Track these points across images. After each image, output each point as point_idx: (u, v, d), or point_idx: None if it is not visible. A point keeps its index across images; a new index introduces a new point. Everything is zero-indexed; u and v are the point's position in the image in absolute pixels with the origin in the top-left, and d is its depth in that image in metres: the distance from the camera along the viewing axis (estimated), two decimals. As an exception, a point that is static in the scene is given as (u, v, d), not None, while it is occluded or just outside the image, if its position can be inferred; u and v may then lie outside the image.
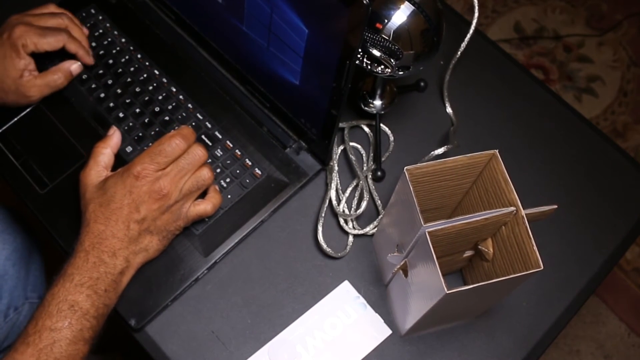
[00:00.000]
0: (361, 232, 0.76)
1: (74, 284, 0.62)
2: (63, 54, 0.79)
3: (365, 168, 0.81)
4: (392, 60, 0.68)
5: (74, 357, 0.61)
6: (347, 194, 0.78)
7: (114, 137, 0.71)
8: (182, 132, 0.68)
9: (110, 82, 0.82)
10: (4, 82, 0.74)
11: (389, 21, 0.67)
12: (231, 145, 0.79)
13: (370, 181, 0.79)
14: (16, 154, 0.78)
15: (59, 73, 0.77)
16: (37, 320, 0.61)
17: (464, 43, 0.79)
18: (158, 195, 0.66)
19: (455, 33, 0.82)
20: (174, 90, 0.82)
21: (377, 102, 0.81)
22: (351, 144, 0.82)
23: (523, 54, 1.72)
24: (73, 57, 0.80)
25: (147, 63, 0.84)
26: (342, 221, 0.76)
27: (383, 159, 0.81)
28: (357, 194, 0.78)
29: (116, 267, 0.65)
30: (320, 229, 0.75)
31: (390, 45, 0.67)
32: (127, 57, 0.84)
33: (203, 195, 0.72)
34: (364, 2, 0.56)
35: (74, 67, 0.79)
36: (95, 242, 0.64)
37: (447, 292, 0.55)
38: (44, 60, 0.78)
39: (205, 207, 0.70)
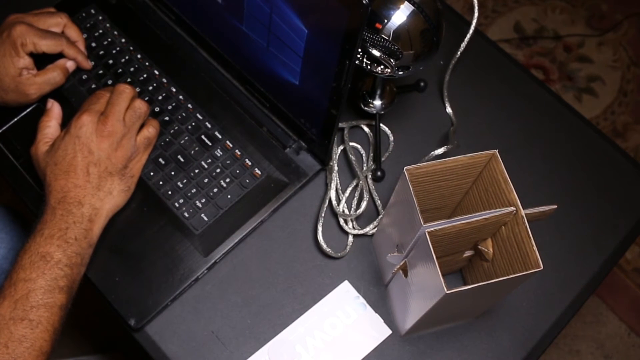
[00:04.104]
0: (361, 232, 0.76)
1: (44, 237, 0.64)
2: (59, 54, 0.79)
3: (365, 168, 0.81)
4: (392, 60, 0.68)
5: (51, 306, 0.62)
6: (347, 194, 0.78)
7: (54, 108, 0.74)
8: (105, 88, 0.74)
9: (110, 82, 0.82)
10: (3, 80, 0.74)
11: (388, 21, 0.67)
12: (231, 145, 0.79)
13: (370, 181, 0.79)
14: (16, 154, 0.78)
15: (57, 70, 0.77)
16: (12, 275, 0.63)
17: (463, 43, 0.79)
18: (105, 132, 0.69)
19: (455, 33, 0.82)
20: (174, 90, 0.82)
21: (377, 102, 0.81)
22: (351, 144, 0.82)
23: (523, 54, 1.72)
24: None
25: (147, 63, 0.84)
26: (342, 221, 0.76)
27: (383, 159, 0.81)
28: (357, 194, 0.78)
29: (84, 216, 0.66)
30: (320, 229, 0.75)
31: (390, 45, 0.67)
32: (127, 57, 0.84)
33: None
34: (364, 2, 0.56)
35: (69, 63, 0.80)
36: (60, 198, 0.66)
37: (447, 292, 0.55)
38: (40, 62, 0.77)
39: (147, 130, 0.73)
